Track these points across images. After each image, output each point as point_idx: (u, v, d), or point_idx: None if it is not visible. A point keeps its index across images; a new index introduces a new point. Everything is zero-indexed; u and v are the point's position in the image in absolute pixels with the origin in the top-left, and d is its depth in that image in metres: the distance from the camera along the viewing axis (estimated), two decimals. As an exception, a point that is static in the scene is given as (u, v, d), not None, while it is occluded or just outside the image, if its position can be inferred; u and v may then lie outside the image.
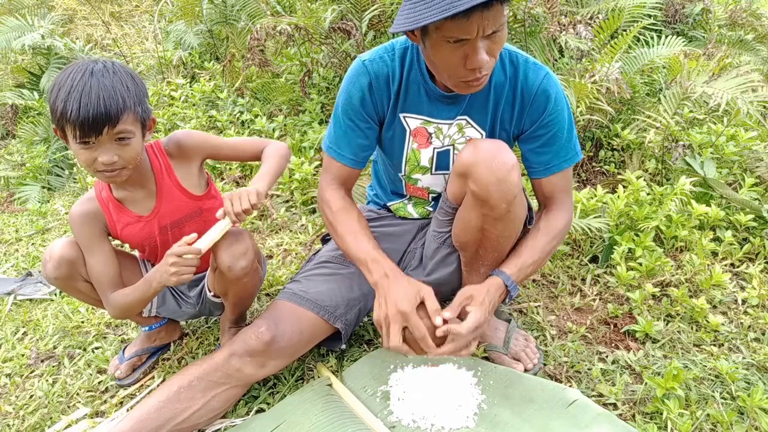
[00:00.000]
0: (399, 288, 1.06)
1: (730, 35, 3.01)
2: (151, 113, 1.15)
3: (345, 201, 1.22)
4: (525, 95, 1.11)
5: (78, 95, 1.01)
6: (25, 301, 1.82)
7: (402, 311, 1.03)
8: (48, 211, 2.52)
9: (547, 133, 1.13)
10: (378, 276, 1.10)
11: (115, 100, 1.03)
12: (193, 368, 1.16)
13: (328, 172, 1.24)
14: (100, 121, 1.02)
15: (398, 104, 1.16)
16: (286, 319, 1.22)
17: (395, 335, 1.04)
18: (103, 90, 1.02)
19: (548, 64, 2.46)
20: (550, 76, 1.11)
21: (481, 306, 1.07)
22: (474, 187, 1.06)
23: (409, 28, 0.91)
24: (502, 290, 1.11)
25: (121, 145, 1.07)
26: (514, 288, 1.12)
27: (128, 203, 1.24)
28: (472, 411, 1.15)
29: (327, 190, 1.23)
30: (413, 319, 1.03)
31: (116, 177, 1.10)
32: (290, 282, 1.34)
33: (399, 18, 0.95)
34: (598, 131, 2.29)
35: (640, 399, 1.21)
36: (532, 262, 1.13)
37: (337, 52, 2.67)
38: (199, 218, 1.30)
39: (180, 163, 1.26)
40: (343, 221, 1.18)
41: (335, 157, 1.21)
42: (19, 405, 1.37)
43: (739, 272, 1.65)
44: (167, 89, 3.13)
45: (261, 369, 1.19)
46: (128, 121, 1.06)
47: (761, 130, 2.17)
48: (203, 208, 1.30)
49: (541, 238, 1.15)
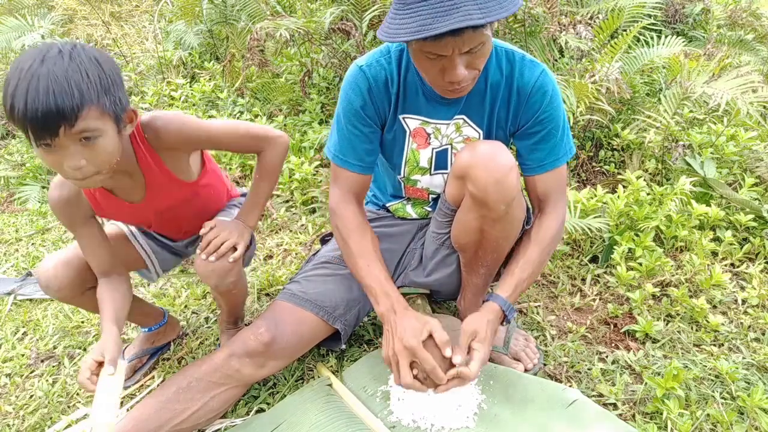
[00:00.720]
0: (406, 323, 1.07)
1: (730, 35, 3.01)
2: (126, 104, 0.96)
3: (359, 219, 1.20)
4: (521, 92, 1.11)
5: (24, 88, 0.82)
6: (25, 301, 1.82)
7: (409, 346, 1.04)
8: (48, 212, 2.52)
9: (542, 129, 1.13)
10: (385, 308, 1.11)
11: (68, 93, 0.83)
12: (193, 369, 1.16)
13: (338, 183, 1.22)
14: (52, 119, 0.83)
15: (398, 106, 1.16)
16: (286, 319, 1.22)
17: (405, 371, 1.05)
18: (54, 81, 0.82)
19: (548, 64, 2.46)
20: (546, 73, 1.11)
21: (484, 342, 1.08)
22: (472, 189, 1.06)
23: (387, 40, 0.93)
24: (500, 315, 1.12)
25: (88, 146, 0.89)
26: (510, 311, 1.13)
27: (117, 191, 1.13)
28: (472, 411, 1.15)
29: (340, 206, 1.20)
30: (421, 352, 1.03)
31: (90, 183, 0.94)
32: (290, 282, 1.33)
33: (383, 26, 0.96)
34: (598, 131, 2.29)
35: (640, 399, 1.21)
36: (526, 277, 1.14)
37: (337, 53, 2.67)
38: (197, 200, 1.24)
39: (166, 153, 1.11)
40: (357, 242, 1.17)
41: (343, 165, 1.19)
42: (19, 405, 1.37)
43: (739, 272, 1.65)
44: (167, 89, 3.13)
45: (260, 369, 1.19)
46: (91, 116, 0.87)
47: (761, 130, 2.17)
48: (200, 192, 1.23)
49: (532, 251, 1.14)
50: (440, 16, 0.85)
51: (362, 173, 1.20)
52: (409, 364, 1.05)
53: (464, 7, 0.84)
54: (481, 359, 1.06)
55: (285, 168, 2.32)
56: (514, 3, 0.88)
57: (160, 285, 1.83)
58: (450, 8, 0.85)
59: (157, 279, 1.43)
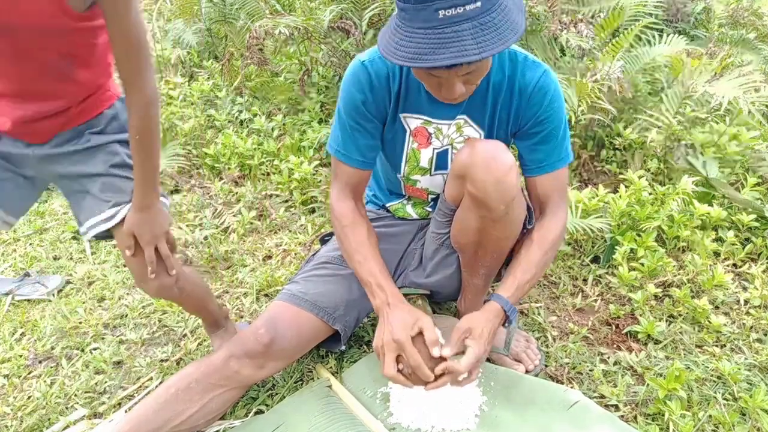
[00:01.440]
0: (397, 316, 1.06)
1: (731, 34, 3.00)
2: None
3: (355, 215, 1.19)
4: (522, 92, 1.10)
5: None
6: (22, 301, 1.81)
7: (397, 340, 1.03)
8: (46, 211, 2.51)
9: (543, 130, 1.12)
10: (380, 302, 1.10)
11: None
12: (192, 369, 1.16)
13: (338, 178, 1.22)
14: None
15: (399, 104, 1.15)
16: (285, 320, 1.21)
17: (389, 363, 1.04)
18: None
19: (549, 62, 2.45)
20: (548, 73, 1.10)
21: (479, 339, 1.06)
22: (472, 189, 1.05)
23: (384, 56, 0.92)
24: (501, 316, 1.10)
25: None
26: (513, 311, 1.11)
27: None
28: (473, 412, 1.14)
29: (338, 203, 1.20)
30: (408, 347, 1.02)
31: None
32: (289, 283, 1.33)
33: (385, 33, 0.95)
34: (599, 130, 2.28)
35: (641, 400, 1.20)
36: (528, 279, 1.12)
37: (336, 51, 2.66)
38: (70, 44, 0.94)
39: None
40: (353, 237, 1.17)
41: (344, 160, 1.19)
42: (17, 406, 1.37)
43: (742, 273, 1.65)
44: (165, 88, 3.12)
45: (260, 371, 1.18)
46: None
47: (763, 130, 2.16)
48: (78, 33, 0.92)
49: (535, 253, 1.12)
50: (437, 48, 0.85)
51: (363, 168, 1.20)
52: (395, 357, 1.04)
53: (462, 41, 0.84)
54: (475, 355, 1.04)
55: (284, 167, 2.31)
56: (514, 32, 0.87)
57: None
58: (447, 41, 0.84)
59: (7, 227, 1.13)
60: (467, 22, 0.84)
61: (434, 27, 0.85)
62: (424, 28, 0.86)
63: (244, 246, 2.00)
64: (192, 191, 2.37)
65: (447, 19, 0.84)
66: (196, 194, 2.32)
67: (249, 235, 2.08)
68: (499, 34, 0.85)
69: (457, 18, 0.84)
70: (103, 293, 1.81)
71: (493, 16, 0.85)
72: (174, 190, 2.47)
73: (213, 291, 1.75)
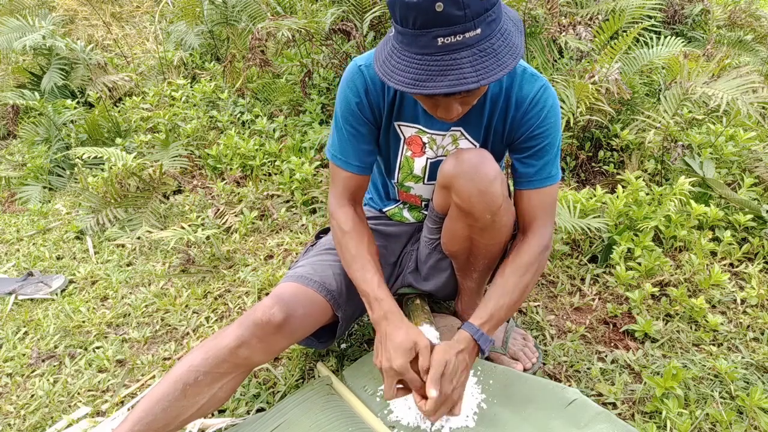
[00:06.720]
0: (396, 341, 1.03)
1: (729, 36, 3.02)
2: None
3: (355, 221, 1.17)
4: (518, 105, 1.09)
5: None
6: (26, 300, 1.83)
7: (397, 370, 1.01)
8: (49, 212, 2.53)
9: (536, 145, 1.10)
10: (378, 316, 1.08)
11: None
12: (198, 361, 1.10)
13: (336, 184, 1.20)
14: None
15: (393, 112, 1.15)
16: (297, 299, 1.16)
17: (388, 390, 1.04)
18: None
19: (548, 64, 2.46)
20: (546, 88, 1.08)
21: (450, 377, 1.02)
22: (457, 200, 1.05)
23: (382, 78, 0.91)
24: (472, 344, 1.05)
25: None
26: (484, 340, 1.06)
27: None
28: (471, 410, 1.15)
29: (337, 210, 1.18)
30: (408, 375, 1.02)
31: None
32: (293, 268, 1.29)
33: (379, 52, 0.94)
34: (597, 131, 2.30)
35: (639, 398, 1.22)
36: (503, 306, 1.07)
37: (337, 53, 2.68)
38: None
39: None
40: (353, 246, 1.15)
41: (342, 165, 1.18)
42: (20, 404, 1.38)
43: (738, 272, 1.66)
44: (168, 89, 3.14)
45: (269, 355, 1.14)
46: None
47: (760, 131, 2.17)
48: None
49: (509, 279, 1.08)
50: (436, 75, 0.83)
51: (361, 174, 1.19)
52: (394, 382, 1.04)
53: (461, 68, 0.82)
54: (435, 401, 1.00)
55: (285, 168, 2.33)
56: (513, 56, 0.85)
57: (161, 284, 1.84)
58: (446, 69, 0.83)
59: None
60: (466, 49, 0.83)
61: (432, 54, 0.83)
62: (422, 54, 0.84)
63: (246, 246, 2.01)
64: (194, 191, 2.38)
65: (446, 46, 0.82)
66: (198, 194, 2.34)
67: (251, 234, 2.10)
68: (498, 60, 0.84)
69: (456, 45, 0.82)
70: (106, 292, 1.82)
71: (493, 41, 0.84)
72: (177, 190, 2.48)
73: (215, 290, 1.77)
